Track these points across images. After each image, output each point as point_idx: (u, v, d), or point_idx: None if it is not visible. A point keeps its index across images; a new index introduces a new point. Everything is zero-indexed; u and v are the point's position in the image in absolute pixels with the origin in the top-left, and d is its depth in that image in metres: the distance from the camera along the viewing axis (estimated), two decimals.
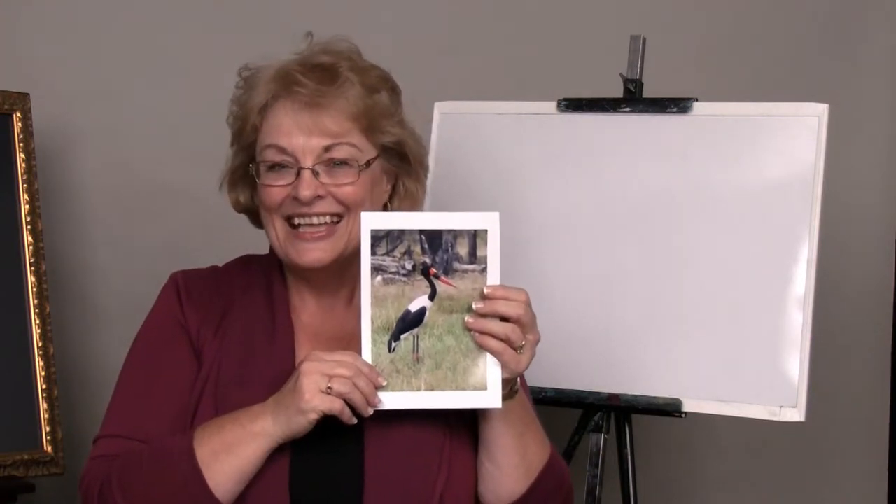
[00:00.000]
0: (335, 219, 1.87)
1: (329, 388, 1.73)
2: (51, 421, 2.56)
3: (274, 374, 1.84)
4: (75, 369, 2.79)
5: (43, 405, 2.55)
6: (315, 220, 1.87)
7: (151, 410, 1.85)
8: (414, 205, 1.96)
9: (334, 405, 1.73)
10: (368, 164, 1.88)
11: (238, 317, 1.91)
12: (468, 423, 1.88)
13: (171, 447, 1.79)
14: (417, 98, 2.02)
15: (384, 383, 1.76)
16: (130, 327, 1.97)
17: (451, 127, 2.50)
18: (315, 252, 1.86)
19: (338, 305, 1.95)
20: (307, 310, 1.94)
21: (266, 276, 1.95)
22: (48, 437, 2.55)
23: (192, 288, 1.92)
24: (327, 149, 1.86)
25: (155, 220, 2.88)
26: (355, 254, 1.82)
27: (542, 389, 2.37)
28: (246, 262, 1.99)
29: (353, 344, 1.83)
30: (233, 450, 1.76)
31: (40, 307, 2.58)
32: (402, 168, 1.94)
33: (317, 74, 1.86)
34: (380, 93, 1.90)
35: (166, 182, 2.86)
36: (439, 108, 2.52)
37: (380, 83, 1.91)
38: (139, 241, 2.87)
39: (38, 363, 2.56)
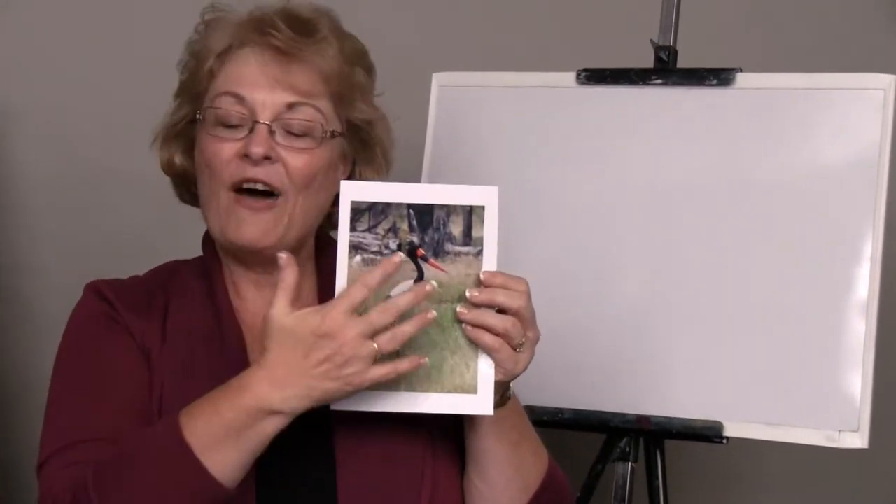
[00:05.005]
0: (276, 199, 1.82)
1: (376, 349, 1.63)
2: None
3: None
4: (12, 381, 2.75)
5: None
6: (260, 186, 1.79)
7: (108, 406, 1.76)
8: None
9: (389, 371, 1.65)
10: (333, 135, 1.82)
11: (178, 327, 1.83)
12: (453, 434, 1.82)
13: (155, 440, 1.67)
14: (413, 68, 2.02)
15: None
16: None
17: (451, 102, 2.42)
18: (253, 228, 1.79)
19: None
20: (249, 310, 1.86)
21: (200, 278, 1.88)
22: None
23: (123, 294, 1.83)
24: (290, 107, 1.80)
25: (104, 211, 2.81)
26: (298, 241, 1.81)
27: (558, 410, 2.29)
28: (173, 268, 1.91)
29: None
30: (241, 435, 1.64)
31: None
32: (362, 156, 1.90)
33: (295, 25, 1.82)
34: (356, 67, 1.88)
35: (117, 168, 2.77)
36: (438, 81, 2.43)
37: (358, 57, 1.89)
38: (86, 234, 2.80)
39: None
